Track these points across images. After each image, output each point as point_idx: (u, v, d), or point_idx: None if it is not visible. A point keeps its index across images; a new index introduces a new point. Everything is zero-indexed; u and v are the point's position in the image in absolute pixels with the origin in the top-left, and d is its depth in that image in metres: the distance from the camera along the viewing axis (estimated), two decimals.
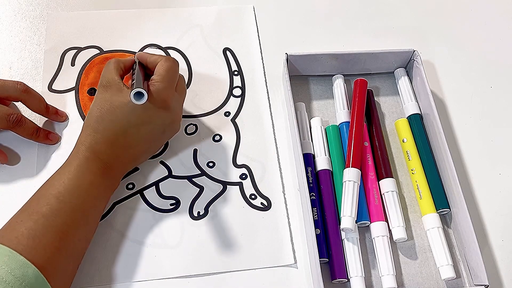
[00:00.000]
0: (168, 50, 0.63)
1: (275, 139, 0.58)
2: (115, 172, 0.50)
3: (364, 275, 0.49)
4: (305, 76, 0.62)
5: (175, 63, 0.51)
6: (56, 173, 0.47)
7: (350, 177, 0.52)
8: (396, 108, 0.61)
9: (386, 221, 0.52)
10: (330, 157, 0.56)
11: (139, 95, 0.45)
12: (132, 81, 0.49)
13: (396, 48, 0.60)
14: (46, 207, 0.44)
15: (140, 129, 0.49)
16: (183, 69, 0.62)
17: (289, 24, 0.67)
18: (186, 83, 0.55)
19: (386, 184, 0.54)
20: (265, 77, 0.63)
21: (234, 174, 0.55)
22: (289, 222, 0.53)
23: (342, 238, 0.51)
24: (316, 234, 0.50)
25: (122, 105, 0.48)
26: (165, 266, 0.50)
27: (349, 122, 0.57)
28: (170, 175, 0.55)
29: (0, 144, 0.55)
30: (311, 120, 0.59)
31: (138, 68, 0.50)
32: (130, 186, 0.54)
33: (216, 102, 0.60)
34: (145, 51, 0.62)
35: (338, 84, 0.60)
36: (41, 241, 0.42)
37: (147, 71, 0.52)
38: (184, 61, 0.63)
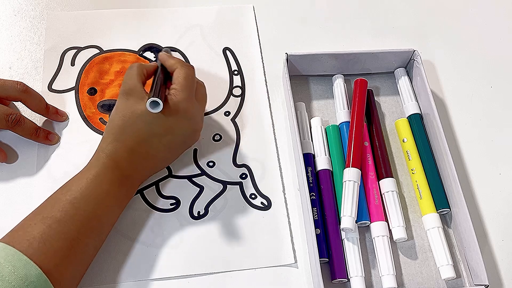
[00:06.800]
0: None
1: (275, 139, 0.58)
2: (132, 181, 0.50)
3: (364, 275, 0.49)
4: (305, 76, 0.62)
5: (191, 69, 0.51)
6: (74, 178, 0.47)
7: (350, 177, 0.52)
8: (396, 108, 0.61)
9: (386, 221, 0.52)
10: (330, 157, 0.56)
11: (155, 103, 0.44)
12: (151, 88, 0.48)
13: (396, 48, 0.60)
14: (60, 212, 0.43)
15: (162, 139, 0.49)
16: None
17: (289, 24, 0.67)
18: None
19: (386, 184, 0.54)
20: (265, 77, 0.63)
21: (234, 174, 0.55)
22: (289, 222, 0.53)
23: (342, 238, 0.51)
24: (316, 234, 0.50)
25: (144, 114, 0.47)
26: (165, 266, 0.49)
27: (349, 122, 0.57)
28: (170, 174, 0.55)
29: (0, 142, 0.54)
30: (311, 120, 0.59)
31: (159, 75, 0.50)
32: None
33: (216, 102, 0.60)
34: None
35: (338, 84, 0.60)
36: (52, 246, 0.41)
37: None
38: (184, 61, 0.63)
